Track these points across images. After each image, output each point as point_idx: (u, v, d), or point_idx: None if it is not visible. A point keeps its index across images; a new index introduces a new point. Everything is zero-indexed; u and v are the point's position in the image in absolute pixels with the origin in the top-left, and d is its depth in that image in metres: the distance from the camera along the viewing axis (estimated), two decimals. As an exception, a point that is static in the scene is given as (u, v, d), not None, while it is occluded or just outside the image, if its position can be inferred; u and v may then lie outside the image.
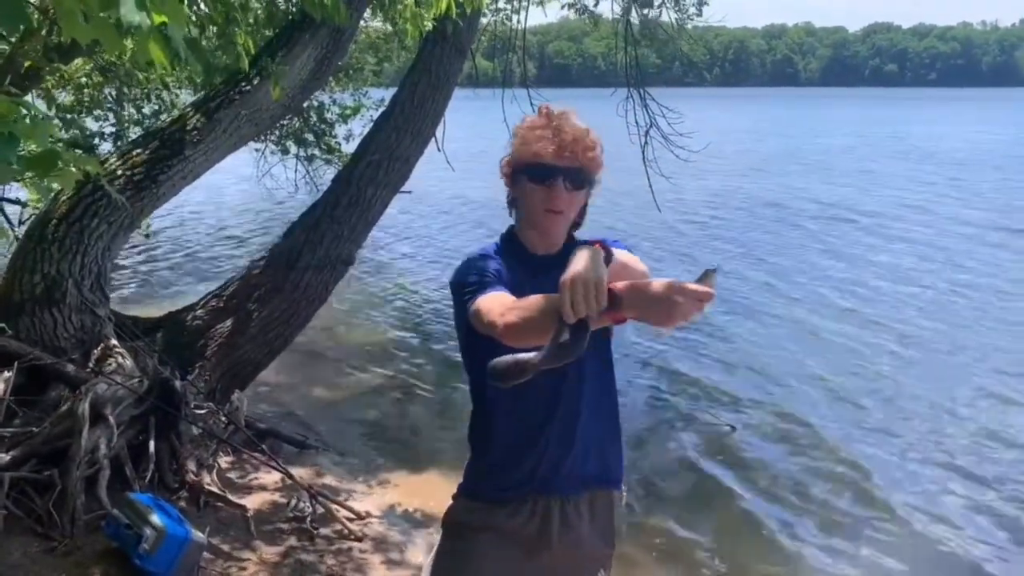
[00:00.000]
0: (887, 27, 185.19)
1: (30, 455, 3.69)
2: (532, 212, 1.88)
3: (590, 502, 1.97)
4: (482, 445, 2.01)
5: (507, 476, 1.94)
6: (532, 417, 1.90)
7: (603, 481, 2.00)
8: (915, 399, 6.55)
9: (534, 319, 1.55)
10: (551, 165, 1.82)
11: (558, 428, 1.91)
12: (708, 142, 8.72)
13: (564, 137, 1.83)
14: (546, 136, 1.83)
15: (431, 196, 16.85)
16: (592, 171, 1.87)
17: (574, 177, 1.84)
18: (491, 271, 1.82)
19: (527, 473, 1.92)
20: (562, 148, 1.82)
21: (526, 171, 1.85)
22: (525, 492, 1.93)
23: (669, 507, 4.86)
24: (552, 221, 1.87)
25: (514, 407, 1.89)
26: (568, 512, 1.94)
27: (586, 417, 1.93)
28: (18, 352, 4.05)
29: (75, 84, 7.60)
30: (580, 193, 1.88)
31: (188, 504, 3.94)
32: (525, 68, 9.10)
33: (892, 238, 13.42)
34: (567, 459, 1.92)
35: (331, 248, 5.19)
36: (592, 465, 1.96)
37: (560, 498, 1.94)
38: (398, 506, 4.51)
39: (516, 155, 1.88)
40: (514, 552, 1.94)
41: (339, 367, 7.14)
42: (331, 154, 12.04)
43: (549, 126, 1.85)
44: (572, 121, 1.87)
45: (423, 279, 10.78)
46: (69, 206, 4.36)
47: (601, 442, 1.98)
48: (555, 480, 1.93)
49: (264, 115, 5.09)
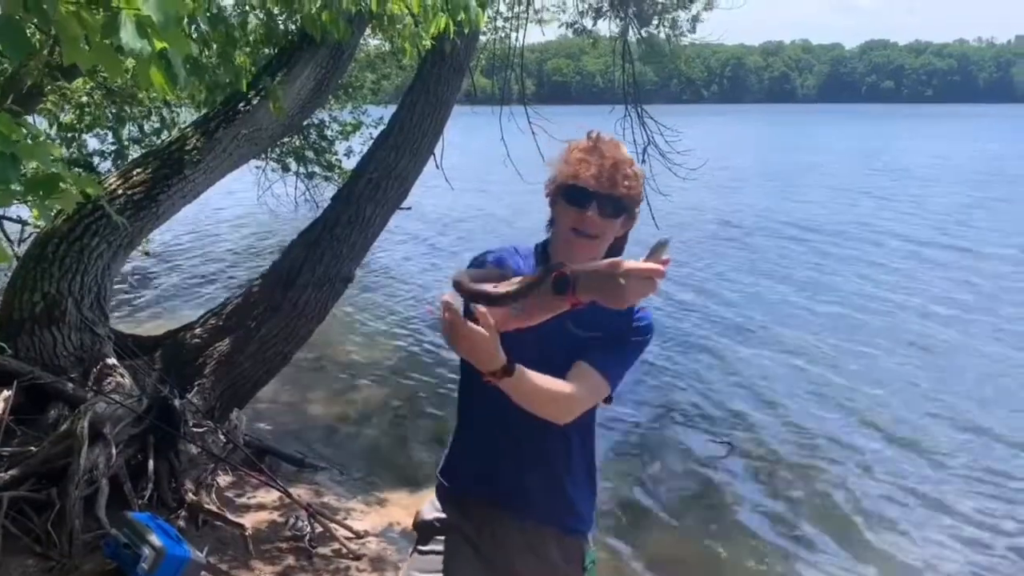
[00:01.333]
0: (884, 44, 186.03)
1: (29, 474, 3.69)
2: (561, 231, 1.88)
3: (556, 542, 1.99)
4: (455, 433, 2.11)
5: (457, 467, 2.06)
6: (490, 420, 1.95)
7: (565, 525, 2.01)
8: (923, 415, 6.57)
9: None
10: (584, 188, 1.82)
11: (504, 435, 1.94)
12: (706, 159, 8.77)
13: (604, 163, 1.83)
14: (587, 160, 1.84)
15: (430, 212, 16.90)
16: (629, 201, 1.86)
17: (608, 203, 1.82)
18: (495, 256, 1.91)
19: (469, 470, 2.02)
20: (600, 173, 1.82)
21: (563, 192, 1.86)
22: (468, 489, 2.02)
23: (665, 526, 4.86)
24: (577, 243, 1.84)
25: (483, 402, 1.91)
26: (527, 540, 1.98)
27: (539, 441, 1.94)
28: (17, 371, 4.06)
29: (76, 103, 7.63)
30: (615, 221, 1.85)
31: (187, 523, 3.94)
32: (523, 85, 9.15)
33: (891, 255, 13.46)
34: (510, 474, 1.97)
35: (330, 266, 5.20)
36: (545, 497, 1.98)
37: (513, 519, 1.99)
38: (396, 525, 4.50)
39: (558, 177, 1.89)
40: (471, 551, 2.01)
41: (338, 385, 7.14)
42: (331, 171, 12.09)
43: (591, 152, 1.86)
44: (617, 150, 1.88)
45: (422, 296, 10.79)
46: (69, 225, 4.37)
47: (558, 476, 1.99)
48: (498, 492, 1.98)
49: (263, 135, 5.13)
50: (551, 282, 1.57)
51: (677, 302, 10.17)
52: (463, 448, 2.06)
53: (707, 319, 9.50)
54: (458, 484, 2.05)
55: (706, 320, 9.45)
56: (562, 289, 1.56)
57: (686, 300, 10.36)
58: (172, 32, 1.51)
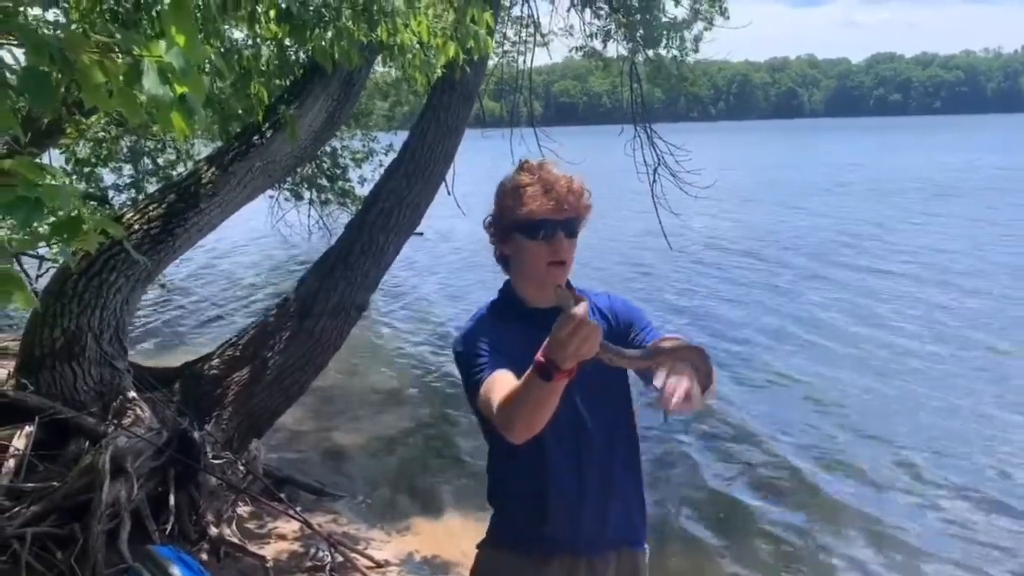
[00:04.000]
0: (890, 57, 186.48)
1: (51, 510, 3.71)
2: (533, 267, 1.88)
3: (617, 562, 1.97)
4: (508, 500, 2.00)
5: (532, 530, 1.93)
6: (556, 473, 1.89)
7: (629, 541, 2.00)
8: (946, 432, 6.50)
9: (516, 390, 1.62)
10: (550, 220, 1.83)
11: (581, 483, 1.90)
12: (715, 179, 8.77)
13: (559, 191, 1.84)
14: (538, 192, 1.84)
15: (443, 237, 16.96)
16: (583, 214, 1.90)
17: (570, 226, 1.87)
18: (485, 348, 1.84)
19: (552, 528, 1.91)
20: (559, 203, 1.83)
21: (521, 229, 1.86)
22: (551, 549, 1.93)
23: (681, 540, 4.84)
24: (557, 273, 1.87)
25: (537, 459, 1.88)
26: (594, 570, 1.94)
27: (608, 472, 1.93)
28: (39, 407, 4.09)
29: (92, 137, 7.74)
30: (575, 240, 1.90)
31: (208, 555, 3.95)
32: (532, 108, 9.18)
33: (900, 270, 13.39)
34: (594, 516, 1.92)
35: (345, 295, 5.23)
36: (618, 523, 1.96)
37: (587, 558, 1.93)
38: (416, 553, 4.49)
39: (506, 215, 1.88)
40: None
41: (356, 412, 7.15)
42: (345, 198, 12.19)
43: (536, 182, 1.86)
44: (557, 172, 1.89)
45: (437, 321, 10.81)
46: (88, 261, 4.42)
47: (627, 498, 1.98)
48: (580, 539, 1.92)
49: (277, 167, 5.18)
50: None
51: (694, 316, 10.16)
52: (527, 512, 1.94)
53: (723, 336, 9.46)
54: (540, 547, 1.94)
55: (723, 337, 9.41)
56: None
57: (702, 315, 10.34)
58: (191, 76, 1.54)
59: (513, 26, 8.79)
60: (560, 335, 1.48)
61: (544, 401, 1.58)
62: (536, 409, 1.60)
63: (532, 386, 1.56)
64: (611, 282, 11.99)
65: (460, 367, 1.92)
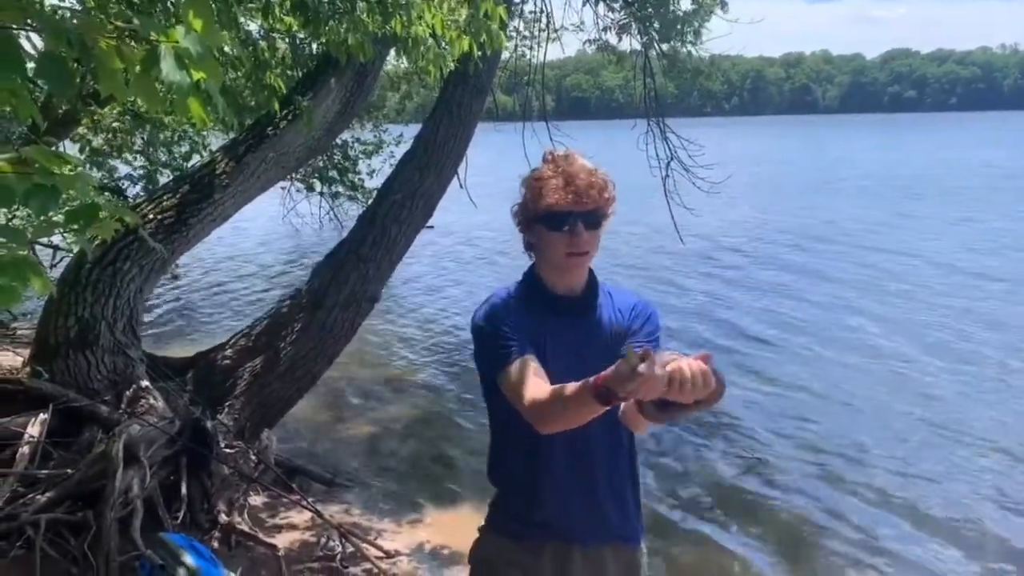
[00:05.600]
0: (905, 53, 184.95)
1: (65, 497, 3.75)
2: (554, 257, 1.92)
3: (614, 557, 2.01)
4: (505, 482, 2.07)
5: (529, 516, 2.00)
6: (552, 460, 1.95)
7: (623, 536, 2.04)
8: (963, 434, 6.42)
9: (565, 398, 1.69)
10: (569, 212, 1.86)
11: (577, 474, 1.96)
12: (729, 174, 8.73)
13: (579, 184, 1.86)
14: (559, 185, 1.86)
15: (454, 229, 16.96)
16: (605, 207, 1.91)
17: (591, 219, 1.88)
18: (510, 327, 1.88)
19: (544, 515, 1.97)
20: (579, 195, 1.86)
21: (542, 221, 1.89)
22: (543, 535, 1.99)
23: (686, 535, 4.84)
24: (576, 263, 1.92)
25: (535, 447, 1.93)
26: (590, 564, 1.99)
27: (604, 465, 1.98)
28: (53, 395, 4.13)
29: (107, 127, 7.79)
30: (599, 232, 1.92)
31: (220, 544, 3.97)
32: (544, 102, 9.16)
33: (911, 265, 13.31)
34: (585, 506, 1.97)
35: (357, 286, 5.24)
36: (611, 516, 2.01)
37: (581, 549, 1.98)
38: (427, 543, 4.50)
39: (530, 206, 1.92)
40: None
41: (367, 403, 7.17)
42: (355, 190, 12.23)
43: (559, 174, 1.88)
44: (580, 164, 1.91)
45: (449, 312, 10.82)
46: (102, 250, 4.45)
47: (620, 492, 2.02)
48: (575, 528, 1.98)
49: (291, 158, 5.20)
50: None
51: (706, 313, 10.14)
52: (525, 499, 2.00)
53: (736, 331, 9.43)
54: (534, 532, 2.00)
55: (734, 332, 9.38)
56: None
57: (714, 311, 10.32)
58: (208, 61, 1.54)
59: (526, 20, 8.78)
60: (626, 386, 1.52)
61: (590, 414, 1.70)
62: (579, 419, 1.73)
63: (585, 401, 1.64)
64: (616, 275, 11.96)
65: (480, 342, 1.95)
